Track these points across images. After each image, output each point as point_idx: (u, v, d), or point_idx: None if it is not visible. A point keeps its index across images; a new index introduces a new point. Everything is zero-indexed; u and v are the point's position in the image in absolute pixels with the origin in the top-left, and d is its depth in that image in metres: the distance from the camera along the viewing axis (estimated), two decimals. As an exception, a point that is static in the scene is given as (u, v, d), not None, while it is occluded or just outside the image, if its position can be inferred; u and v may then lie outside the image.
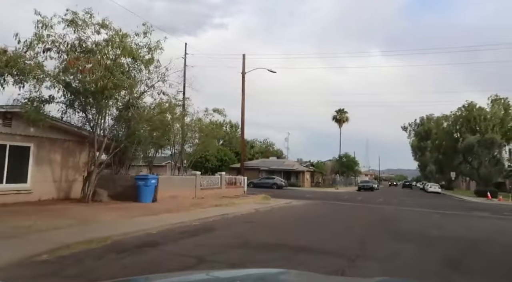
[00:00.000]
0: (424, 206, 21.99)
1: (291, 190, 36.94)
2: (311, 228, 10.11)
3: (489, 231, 11.80)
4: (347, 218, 13.09)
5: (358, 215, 14.34)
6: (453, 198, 38.36)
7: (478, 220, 15.23)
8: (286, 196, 25.92)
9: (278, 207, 15.45)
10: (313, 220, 11.90)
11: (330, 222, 11.68)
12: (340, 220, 12.60)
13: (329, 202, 21.35)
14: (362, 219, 12.75)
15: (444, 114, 65.60)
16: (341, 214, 14.56)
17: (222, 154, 46.87)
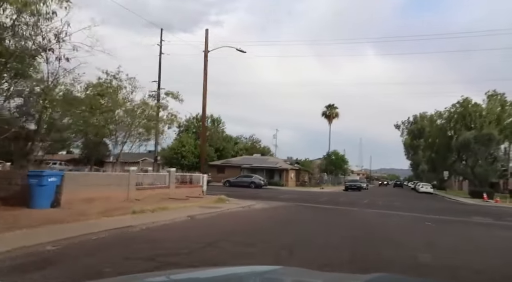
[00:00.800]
0: (414, 210, 18.81)
1: (270, 190, 33.64)
2: (224, 254, 6.46)
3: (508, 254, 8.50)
4: (304, 231, 9.69)
5: (326, 227, 11.00)
6: (446, 199, 35.36)
7: (483, 232, 12.02)
8: (258, 196, 22.66)
9: (228, 213, 12.11)
10: (249, 236, 8.16)
11: (272, 240, 7.99)
12: (291, 233, 9.22)
13: (302, 205, 18.06)
14: (326, 234, 9.42)
15: (437, 111, 62.63)
16: (302, 224, 11.21)
17: (200, 150, 43.41)
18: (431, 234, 10.24)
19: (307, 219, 12.24)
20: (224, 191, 27.46)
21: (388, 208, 19.04)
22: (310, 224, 10.90)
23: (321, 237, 8.62)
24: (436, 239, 9.41)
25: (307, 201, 21.26)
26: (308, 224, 10.91)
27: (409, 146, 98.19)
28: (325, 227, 10.47)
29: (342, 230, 10.09)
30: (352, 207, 18.21)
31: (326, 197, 25.70)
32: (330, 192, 36.87)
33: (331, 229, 10.11)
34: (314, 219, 12.20)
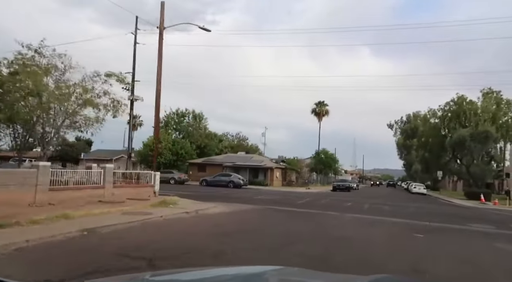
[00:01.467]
0: (403, 215, 16.12)
1: (249, 190, 30.84)
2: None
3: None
4: (240, 253, 6.96)
5: (282, 241, 8.23)
6: (440, 200, 32.83)
7: (486, 246, 9.32)
8: (228, 198, 19.96)
9: (155, 222, 9.22)
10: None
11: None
12: (214, 256, 6.49)
13: (273, 209, 15.30)
14: (272, 253, 6.65)
15: (431, 109, 60.16)
16: (248, 238, 8.43)
17: (178, 146, 40.44)
18: (419, 253, 7.50)
19: (263, 229, 9.46)
20: (192, 191, 24.65)
21: (374, 213, 16.33)
22: (261, 238, 8.11)
23: (260, 260, 5.86)
24: (425, 260, 6.67)
25: (282, 203, 18.51)
26: (258, 238, 8.13)
27: (402, 145, 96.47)
28: (280, 241, 7.70)
29: (299, 245, 7.35)
30: (331, 211, 15.47)
31: (307, 199, 22.97)
32: (315, 192, 34.16)
33: (285, 245, 7.33)
34: (273, 229, 9.44)
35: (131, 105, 41.15)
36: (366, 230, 10.41)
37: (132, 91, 40.25)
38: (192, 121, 49.88)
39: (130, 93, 39.65)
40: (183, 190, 24.97)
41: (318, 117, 64.84)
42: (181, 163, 40.97)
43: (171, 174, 34.52)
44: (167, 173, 35.00)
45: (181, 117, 49.13)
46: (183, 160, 41.04)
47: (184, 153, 40.66)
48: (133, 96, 40.30)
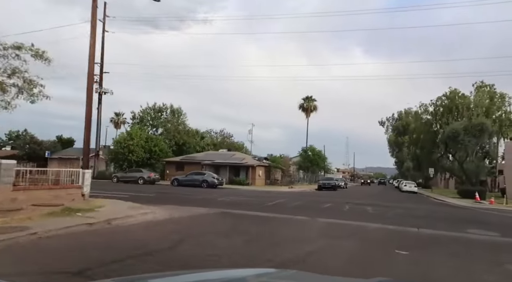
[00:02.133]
0: (388, 219, 13.42)
1: (225, 190, 28.02)
2: None
3: None
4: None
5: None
6: (432, 199, 30.30)
7: (491, 264, 6.61)
8: (191, 200, 17.31)
9: (24, 241, 6.36)
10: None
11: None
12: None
13: (229, 213, 12.50)
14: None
15: (422, 104, 57.73)
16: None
17: (152, 144, 37.40)
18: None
19: (175, 249, 6.62)
20: (152, 191, 21.70)
21: (353, 216, 13.60)
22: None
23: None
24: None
25: (247, 206, 15.72)
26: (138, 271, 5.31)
27: (393, 143, 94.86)
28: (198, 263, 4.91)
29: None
30: (301, 215, 12.69)
31: (281, 199, 20.19)
32: (297, 192, 31.45)
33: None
34: (193, 250, 6.65)
35: (100, 98, 38.04)
36: (332, 244, 7.63)
37: (100, 84, 37.15)
38: (170, 117, 46.81)
39: (98, 85, 36.61)
40: (142, 191, 22.08)
41: (306, 113, 62.31)
42: (155, 161, 37.94)
43: (139, 173, 31.54)
44: (135, 172, 32.03)
45: (158, 112, 46.06)
46: (157, 158, 38.00)
47: (158, 150, 37.62)
48: (102, 89, 37.24)
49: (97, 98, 36.18)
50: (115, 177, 32.16)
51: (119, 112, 67.13)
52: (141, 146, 36.60)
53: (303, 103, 61.99)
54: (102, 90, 35.80)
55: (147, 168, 37.33)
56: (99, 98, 36.11)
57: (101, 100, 36.21)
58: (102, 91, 36.03)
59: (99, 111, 36.18)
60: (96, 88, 35.80)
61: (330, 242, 7.80)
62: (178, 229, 8.46)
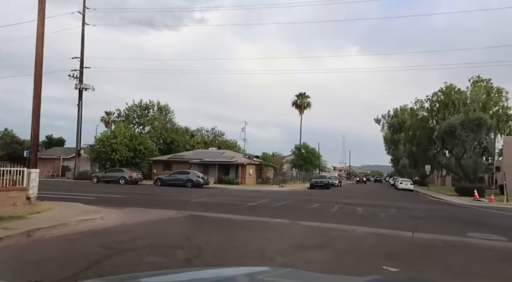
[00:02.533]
0: (380, 221, 11.91)
1: (210, 190, 26.47)
2: None
3: None
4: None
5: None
6: (429, 198, 28.89)
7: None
8: (165, 201, 15.67)
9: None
10: None
11: None
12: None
13: (199, 216, 10.97)
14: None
15: (418, 99, 56.34)
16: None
17: (136, 142, 35.71)
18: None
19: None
20: (126, 192, 20.13)
21: (340, 218, 12.10)
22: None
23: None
24: None
25: (227, 207, 14.20)
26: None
27: (389, 140, 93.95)
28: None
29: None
30: (281, 218, 11.18)
31: (268, 199, 18.66)
32: (287, 190, 29.93)
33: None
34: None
35: (80, 94, 36.31)
36: (304, 260, 6.05)
37: (80, 79, 35.41)
38: (158, 114, 45.09)
39: (78, 81, 34.85)
40: (117, 191, 20.48)
41: (299, 110, 60.81)
42: (140, 160, 36.27)
43: (120, 173, 29.88)
44: (116, 172, 30.38)
45: (145, 110, 44.34)
46: (142, 157, 36.32)
47: (143, 149, 35.93)
48: (81, 85, 35.54)
49: (77, 95, 34.55)
50: (95, 177, 30.50)
51: (110, 111, 65.32)
52: (125, 144, 34.91)
53: (297, 100, 60.49)
54: (82, 86, 34.10)
55: (130, 168, 35.69)
56: (79, 94, 34.42)
57: (81, 96, 34.51)
58: (82, 87, 34.33)
59: (80, 108, 34.49)
60: (76, 84, 34.14)
61: (302, 256, 6.25)
62: (116, 240, 6.88)
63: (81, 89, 34.25)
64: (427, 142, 53.38)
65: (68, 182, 30.67)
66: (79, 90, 34.14)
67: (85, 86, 34.33)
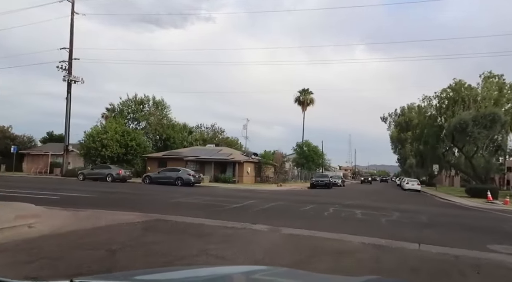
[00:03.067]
0: (379, 229, 9.99)
1: (202, 188, 24.70)
2: None
3: None
4: None
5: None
6: (437, 199, 26.80)
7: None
8: (138, 202, 13.97)
9: None
10: None
11: None
12: None
13: (166, 222, 9.18)
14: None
15: (426, 96, 53.94)
16: None
17: (128, 138, 34.05)
18: None
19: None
20: (108, 190, 18.41)
21: (332, 225, 10.21)
22: None
23: None
24: None
25: (207, 209, 12.44)
26: None
27: (396, 139, 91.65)
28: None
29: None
30: (264, 223, 9.35)
31: (258, 200, 16.81)
32: (284, 190, 28.04)
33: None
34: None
35: (68, 87, 34.70)
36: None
37: (69, 71, 33.78)
38: (153, 109, 43.39)
39: (67, 73, 33.22)
40: (94, 190, 18.78)
41: (302, 107, 58.83)
42: (132, 157, 34.61)
43: (107, 170, 28.21)
44: (103, 169, 28.73)
45: (140, 104, 42.66)
46: (134, 154, 34.66)
47: (135, 145, 34.25)
48: (70, 77, 33.90)
49: (66, 88, 32.91)
50: (81, 174, 28.86)
51: (110, 108, 63.98)
52: (116, 140, 33.25)
53: (299, 96, 58.50)
54: (71, 78, 32.46)
55: (122, 165, 34.07)
56: (68, 87, 32.79)
57: (70, 89, 32.88)
58: (71, 80, 32.70)
59: (68, 101, 32.86)
60: (64, 76, 32.51)
61: None
62: (12, 260, 5.07)
63: (70, 81, 32.64)
64: (435, 140, 51.14)
65: (53, 179, 29.11)
66: (67, 82, 32.53)
67: (74, 78, 32.72)
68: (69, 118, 32.85)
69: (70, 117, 33.00)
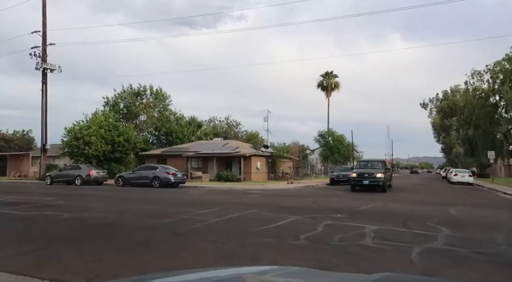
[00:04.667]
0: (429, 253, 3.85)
1: (181, 190, 19.30)
2: None
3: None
4: None
5: None
6: (503, 196, 19.37)
7: None
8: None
9: None
10: None
11: None
12: None
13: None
14: None
15: (476, 71, 44.96)
16: None
17: (115, 133, 29.41)
18: None
19: None
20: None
21: (313, 252, 4.18)
22: None
23: None
24: None
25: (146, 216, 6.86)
26: None
27: (439, 126, 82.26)
28: None
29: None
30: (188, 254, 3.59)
31: (219, 208, 11.04)
32: (291, 189, 21.93)
33: None
34: None
35: (43, 77, 30.48)
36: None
37: (43, 58, 29.49)
38: (150, 102, 38.71)
39: (41, 60, 28.94)
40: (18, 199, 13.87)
41: (326, 93, 51.87)
42: (121, 154, 29.97)
43: (77, 171, 23.50)
44: (73, 169, 24.11)
45: (136, 96, 38.14)
46: (123, 151, 30.00)
47: (123, 141, 29.54)
48: (45, 64, 29.57)
49: (41, 77, 28.70)
50: (48, 177, 24.46)
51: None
52: (100, 135, 28.74)
53: (322, 81, 51.63)
54: (45, 66, 28.23)
55: (109, 164, 29.53)
56: (42, 77, 28.61)
57: (45, 79, 28.64)
58: (47, 68, 28.47)
59: (43, 93, 28.68)
60: (38, 63, 28.34)
61: None
62: None
63: (45, 70, 28.41)
64: (489, 122, 42.68)
65: (21, 185, 24.98)
66: (42, 71, 28.33)
67: (49, 66, 28.44)
68: (45, 114, 28.68)
69: (47, 112, 28.78)
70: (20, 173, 32.10)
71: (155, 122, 37.21)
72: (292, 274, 1.95)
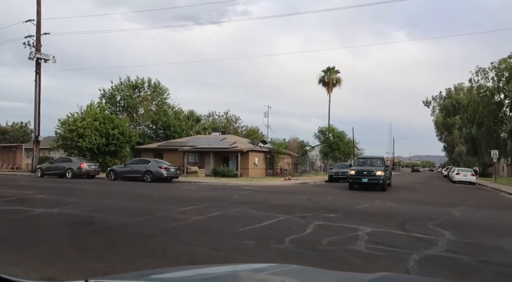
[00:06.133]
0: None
1: (173, 185, 18.65)
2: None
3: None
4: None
5: None
6: (506, 196, 18.63)
7: None
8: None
9: None
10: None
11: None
12: None
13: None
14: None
15: (480, 68, 43.87)
16: None
17: (110, 126, 28.72)
18: None
19: None
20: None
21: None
22: None
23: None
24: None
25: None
26: None
27: (441, 125, 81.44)
28: None
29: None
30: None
31: (205, 205, 10.37)
32: (287, 186, 21.23)
33: None
34: None
35: (37, 67, 29.78)
36: None
37: (37, 48, 28.75)
38: (148, 95, 37.96)
39: (34, 50, 28.23)
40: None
41: (327, 88, 50.95)
42: (116, 147, 29.29)
43: (67, 164, 22.87)
44: (64, 162, 23.48)
45: (134, 89, 37.41)
46: (117, 144, 29.31)
47: (117, 133, 28.85)
48: (38, 54, 28.86)
49: (35, 67, 28.00)
50: (39, 169, 23.86)
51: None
52: (94, 128, 28.07)
53: (324, 76, 50.70)
54: (39, 56, 27.52)
55: (104, 157, 28.92)
56: (36, 67, 27.91)
57: (39, 69, 27.94)
58: (41, 58, 27.77)
59: (37, 84, 28.01)
60: (31, 53, 27.64)
61: None
62: None
63: (39, 60, 27.70)
64: (493, 121, 41.82)
65: (11, 177, 24.37)
66: (36, 61, 27.64)
67: (43, 56, 27.73)
68: (38, 104, 28.01)
69: (40, 103, 28.11)
70: (13, 165, 31.53)
71: (152, 116, 36.53)
72: (290, 272, 1.93)
